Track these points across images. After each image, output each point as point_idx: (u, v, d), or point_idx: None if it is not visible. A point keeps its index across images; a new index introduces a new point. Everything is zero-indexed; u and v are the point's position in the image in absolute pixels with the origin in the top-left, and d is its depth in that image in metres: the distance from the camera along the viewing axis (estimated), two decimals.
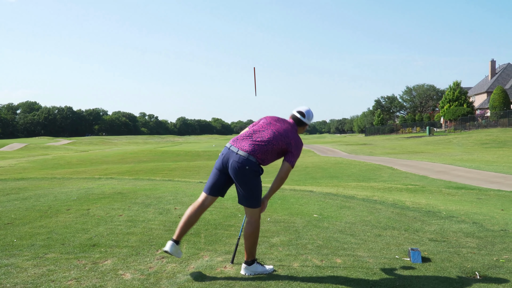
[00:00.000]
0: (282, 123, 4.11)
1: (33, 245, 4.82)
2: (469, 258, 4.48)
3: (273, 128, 4.04)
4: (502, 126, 52.49)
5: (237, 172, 3.87)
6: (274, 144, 3.94)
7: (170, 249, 3.98)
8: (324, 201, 8.13)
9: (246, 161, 3.85)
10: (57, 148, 66.16)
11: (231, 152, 3.92)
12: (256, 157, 3.89)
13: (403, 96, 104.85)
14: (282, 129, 4.03)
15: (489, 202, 9.85)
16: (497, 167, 18.87)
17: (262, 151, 3.91)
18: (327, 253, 4.59)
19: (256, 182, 3.92)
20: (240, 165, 3.84)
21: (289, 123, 4.14)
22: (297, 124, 4.18)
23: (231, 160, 3.89)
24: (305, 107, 4.20)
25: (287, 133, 4.01)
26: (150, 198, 8.17)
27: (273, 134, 3.97)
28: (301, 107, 4.20)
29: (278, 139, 3.96)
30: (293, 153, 4.00)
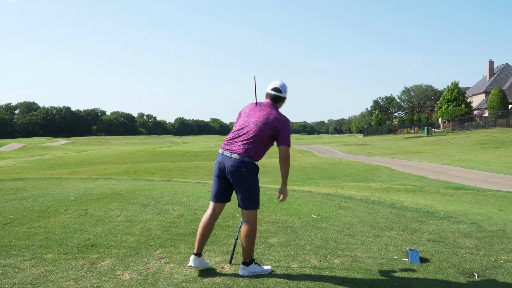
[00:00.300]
0: (260, 109, 4.04)
1: (31, 246, 4.81)
2: (467, 258, 4.48)
3: (254, 119, 3.98)
4: (500, 126, 52.57)
5: (234, 176, 3.88)
6: (261, 135, 3.91)
7: (194, 264, 3.97)
8: (322, 201, 8.13)
9: (241, 163, 3.86)
10: (55, 148, 66.04)
11: (226, 157, 3.94)
12: (250, 156, 3.89)
13: (401, 96, 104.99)
14: (262, 116, 3.96)
15: (487, 202, 9.86)
16: (495, 167, 18.89)
17: (253, 148, 3.91)
18: (325, 254, 4.59)
19: (254, 182, 3.94)
20: (236, 168, 3.86)
21: (268, 105, 4.07)
22: (275, 102, 4.10)
23: (227, 165, 3.91)
24: (278, 81, 4.14)
25: (268, 118, 3.94)
26: (148, 198, 8.16)
27: (256, 126, 3.93)
28: (273, 83, 4.13)
29: (263, 129, 3.91)
30: (283, 133, 3.93)
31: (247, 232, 3.96)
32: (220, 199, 4.10)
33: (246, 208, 3.96)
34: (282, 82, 4.14)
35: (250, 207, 3.95)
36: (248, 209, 3.96)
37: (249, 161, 3.88)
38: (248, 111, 4.09)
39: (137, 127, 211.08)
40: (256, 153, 3.92)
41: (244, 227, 3.99)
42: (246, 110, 4.12)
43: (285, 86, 4.15)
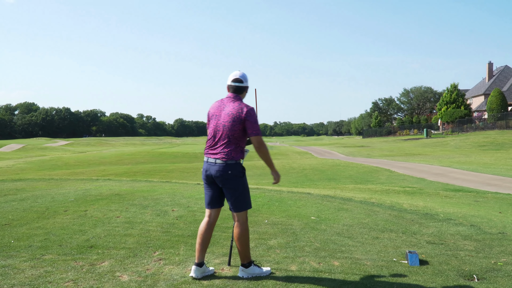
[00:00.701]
0: (223, 108, 3.99)
1: (31, 246, 4.81)
2: (467, 261, 4.48)
3: (221, 121, 3.94)
4: (499, 128, 52.57)
5: (222, 180, 3.89)
6: (234, 134, 3.89)
7: (195, 274, 3.90)
8: (321, 203, 8.12)
9: (227, 167, 3.87)
10: (55, 149, 66.00)
11: (210, 164, 3.95)
12: (233, 157, 3.89)
13: (401, 98, 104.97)
14: (226, 115, 3.92)
15: (487, 204, 9.86)
16: (495, 169, 18.89)
17: (233, 149, 3.90)
18: (325, 256, 4.58)
19: (243, 183, 3.95)
20: (223, 172, 3.87)
21: (229, 100, 4.01)
22: (238, 92, 4.06)
23: (213, 172, 3.91)
24: (237, 72, 4.08)
25: (233, 114, 3.89)
26: (147, 199, 8.15)
27: (226, 127, 3.90)
28: (233, 74, 4.07)
29: (233, 127, 3.88)
30: (250, 124, 3.87)
31: (239, 234, 3.94)
32: (214, 205, 4.09)
33: (237, 210, 3.95)
34: (241, 72, 4.09)
35: (241, 209, 3.95)
36: (239, 210, 3.95)
37: (234, 163, 3.89)
38: (214, 112, 4.04)
39: (136, 128, 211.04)
40: (237, 153, 3.92)
41: (236, 229, 3.97)
42: (212, 112, 4.07)
43: (245, 75, 4.10)
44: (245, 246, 3.97)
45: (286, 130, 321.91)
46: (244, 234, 3.95)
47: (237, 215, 3.97)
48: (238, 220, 3.97)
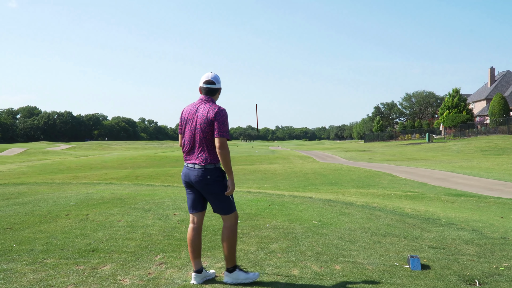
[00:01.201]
0: (195, 112, 3.91)
1: (32, 250, 4.82)
2: (469, 265, 4.47)
3: (194, 125, 3.87)
4: (501, 133, 52.50)
5: (201, 185, 3.85)
6: (207, 137, 3.81)
7: (197, 281, 3.87)
8: (323, 207, 8.12)
9: (205, 172, 3.81)
10: (57, 153, 66.10)
11: (189, 170, 3.91)
12: (211, 162, 3.83)
13: (403, 102, 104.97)
14: (198, 119, 3.85)
15: (489, 209, 9.84)
16: (497, 174, 18.86)
17: (210, 153, 3.83)
18: (326, 260, 4.58)
19: (222, 187, 3.86)
20: (202, 177, 3.82)
21: (201, 102, 3.93)
22: (211, 94, 3.97)
23: (192, 177, 3.87)
24: (209, 73, 3.99)
25: (203, 117, 3.82)
26: (149, 203, 8.16)
27: (200, 131, 3.83)
28: (205, 76, 3.98)
29: (205, 131, 3.80)
30: (217, 125, 3.76)
31: (225, 236, 3.90)
32: (197, 208, 4.06)
33: (224, 213, 3.92)
34: (214, 73, 4.01)
35: (228, 211, 3.91)
36: (226, 213, 3.91)
37: (212, 168, 3.83)
38: (187, 117, 3.97)
39: (138, 132, 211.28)
40: (215, 157, 3.85)
41: (223, 232, 3.93)
42: (185, 116, 3.99)
43: (218, 76, 4.02)
44: (231, 249, 3.90)
45: (288, 134, 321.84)
46: (232, 237, 3.90)
47: (225, 218, 3.93)
48: (226, 223, 3.93)
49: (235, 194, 9.03)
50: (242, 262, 4.46)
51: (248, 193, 10.41)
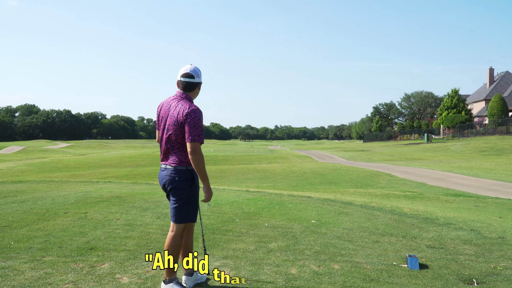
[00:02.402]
0: (168, 109, 3.65)
1: (31, 248, 4.81)
2: (467, 265, 4.48)
3: (168, 122, 3.63)
4: (500, 133, 52.56)
5: (170, 186, 3.61)
6: (179, 138, 3.58)
7: (188, 284, 3.80)
8: (322, 207, 8.12)
9: (174, 173, 3.58)
10: (55, 151, 66.03)
11: (162, 170, 3.69)
12: (183, 163, 3.59)
13: (402, 103, 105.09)
14: (171, 118, 3.60)
15: (487, 209, 9.84)
16: (495, 174, 18.87)
17: (182, 154, 3.60)
18: (325, 259, 4.58)
19: (188, 193, 3.60)
20: (171, 178, 3.58)
21: (176, 99, 3.66)
22: (189, 90, 3.68)
23: (164, 178, 3.66)
24: (188, 66, 3.68)
25: (175, 117, 3.56)
26: (148, 202, 8.16)
27: (172, 131, 3.59)
28: (183, 69, 3.69)
29: (177, 131, 3.56)
30: (188, 127, 3.49)
31: (169, 246, 3.64)
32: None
33: (174, 221, 3.63)
34: (194, 66, 3.69)
35: (178, 220, 3.62)
36: (176, 222, 3.63)
37: (183, 169, 3.58)
38: (163, 114, 3.71)
39: (137, 131, 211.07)
40: (186, 156, 3.59)
41: (168, 239, 3.67)
42: (161, 113, 3.73)
43: (197, 70, 3.70)
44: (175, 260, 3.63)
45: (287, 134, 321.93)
46: (174, 249, 3.63)
47: (175, 225, 3.64)
48: (173, 231, 3.65)
49: (233, 193, 9.03)
50: (240, 261, 4.47)
51: (247, 192, 10.41)
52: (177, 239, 3.66)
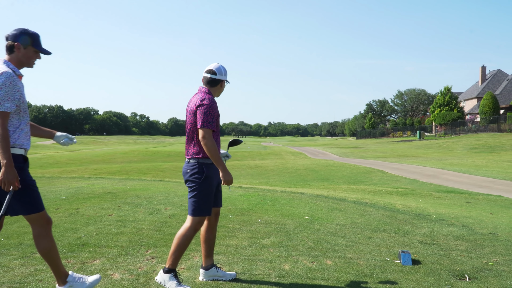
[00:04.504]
0: (190, 103, 3.77)
1: (21, 244, 4.77)
2: (459, 261, 4.49)
3: (187, 115, 3.74)
4: (491, 131, 52.92)
5: (184, 178, 3.70)
6: (193, 130, 3.66)
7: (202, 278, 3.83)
8: (315, 203, 8.12)
9: (188, 166, 3.66)
10: (47, 147, 65.54)
11: (184, 163, 3.76)
12: (196, 156, 3.63)
13: (395, 100, 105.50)
14: (189, 110, 3.71)
15: (478, 206, 9.91)
16: (486, 171, 19.01)
17: (195, 146, 3.65)
18: (318, 255, 4.58)
19: (198, 187, 3.62)
20: (184, 170, 3.68)
21: (196, 94, 3.77)
22: (212, 85, 3.77)
23: (183, 170, 3.74)
24: (214, 63, 3.79)
25: (191, 108, 3.67)
26: (140, 198, 8.11)
27: (188, 124, 3.71)
28: (209, 65, 3.80)
29: (192, 124, 3.66)
30: (199, 115, 3.56)
31: (180, 236, 3.63)
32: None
33: (189, 214, 3.67)
34: (219, 64, 3.81)
35: (192, 213, 3.64)
36: (190, 214, 3.66)
37: (194, 163, 3.62)
38: (186, 109, 3.79)
39: (129, 127, 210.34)
40: (202, 150, 3.63)
41: (180, 230, 3.67)
42: (186, 110, 3.81)
43: (221, 68, 3.79)
44: (180, 251, 3.63)
45: (280, 130, 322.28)
46: (184, 241, 3.62)
47: (188, 218, 3.68)
48: (186, 223, 3.66)
49: (226, 189, 9.00)
50: (233, 257, 4.45)
51: (239, 188, 10.39)
52: (187, 231, 3.63)
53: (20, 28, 3.24)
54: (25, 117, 3.30)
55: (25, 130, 3.30)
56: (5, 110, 3.04)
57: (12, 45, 3.21)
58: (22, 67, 3.30)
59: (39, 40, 3.31)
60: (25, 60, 3.27)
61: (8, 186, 3.02)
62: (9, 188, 3.03)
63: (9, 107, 3.06)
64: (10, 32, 3.23)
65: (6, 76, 3.06)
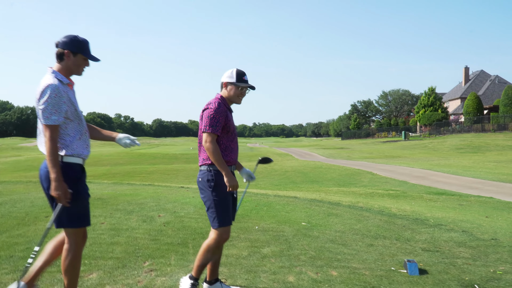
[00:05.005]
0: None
1: (12, 257, 4.56)
2: (466, 269, 4.40)
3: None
4: (475, 131, 53.56)
5: (198, 188, 3.60)
6: (201, 135, 3.53)
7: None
8: (310, 208, 8.00)
9: (199, 174, 3.57)
10: (30, 149, 64.53)
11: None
12: (203, 161, 3.53)
13: (379, 100, 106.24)
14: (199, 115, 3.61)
15: (472, 208, 9.90)
16: (474, 172, 19.13)
17: (204, 152, 3.55)
18: (322, 265, 4.45)
19: (209, 195, 3.48)
20: (197, 179, 3.59)
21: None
22: (221, 90, 3.67)
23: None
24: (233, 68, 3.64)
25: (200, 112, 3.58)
26: (132, 204, 7.90)
27: (199, 128, 3.57)
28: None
29: (200, 127, 3.54)
30: (203, 119, 3.49)
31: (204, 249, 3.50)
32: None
33: (212, 226, 3.51)
34: (235, 68, 3.63)
35: (213, 225, 3.48)
36: (212, 227, 3.50)
37: (204, 170, 3.51)
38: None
39: (114, 128, 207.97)
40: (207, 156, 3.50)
41: (205, 241, 3.54)
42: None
43: (232, 71, 3.60)
44: (203, 263, 3.52)
45: (265, 131, 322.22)
46: (206, 254, 3.48)
47: (212, 230, 3.52)
48: (210, 235, 3.50)
49: None
50: (235, 268, 4.30)
51: None
52: (210, 243, 3.48)
53: (70, 35, 3.20)
54: (80, 125, 3.24)
55: (82, 138, 3.26)
56: (53, 123, 3.02)
57: (62, 53, 3.16)
58: (71, 74, 3.25)
59: (88, 47, 3.25)
60: (74, 68, 3.22)
61: (59, 200, 3.03)
62: (62, 202, 3.04)
63: (56, 120, 3.03)
64: (60, 39, 3.18)
65: (51, 89, 3.02)
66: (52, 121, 3.01)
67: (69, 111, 3.12)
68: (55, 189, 3.00)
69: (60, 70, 3.18)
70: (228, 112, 3.62)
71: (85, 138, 3.31)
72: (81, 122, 3.25)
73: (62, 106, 3.05)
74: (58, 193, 3.00)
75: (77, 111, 3.21)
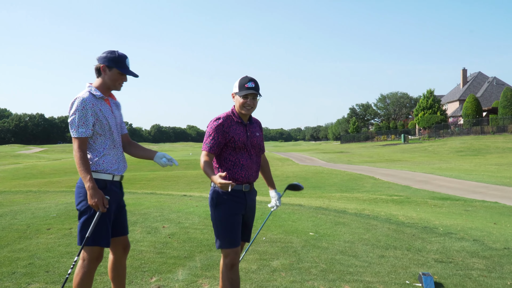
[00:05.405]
0: None
1: (14, 273, 4.42)
2: (482, 282, 4.28)
3: None
4: (475, 133, 53.50)
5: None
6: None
7: None
8: (316, 216, 7.88)
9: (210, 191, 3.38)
10: (29, 156, 64.34)
11: None
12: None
13: (377, 104, 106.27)
14: None
15: (478, 214, 9.78)
16: (477, 176, 19.02)
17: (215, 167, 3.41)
18: (334, 279, 4.33)
19: (212, 213, 3.32)
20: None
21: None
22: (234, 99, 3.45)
23: None
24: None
25: None
26: (135, 214, 7.76)
27: None
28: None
29: None
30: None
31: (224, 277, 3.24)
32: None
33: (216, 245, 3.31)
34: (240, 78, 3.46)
35: (217, 245, 3.27)
36: (216, 247, 3.29)
37: (211, 187, 3.33)
38: None
39: None
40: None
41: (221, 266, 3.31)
42: None
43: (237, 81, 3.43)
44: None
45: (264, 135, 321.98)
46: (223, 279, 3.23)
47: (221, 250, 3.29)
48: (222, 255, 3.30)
49: None
50: (245, 284, 4.18)
51: None
52: (223, 267, 3.25)
53: (108, 50, 3.21)
54: (108, 141, 3.20)
55: (111, 154, 3.22)
56: (80, 136, 3.05)
57: (98, 68, 3.18)
58: (109, 89, 3.26)
59: (124, 62, 3.22)
60: (110, 83, 3.22)
61: (96, 208, 3.04)
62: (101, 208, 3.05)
63: (83, 132, 3.06)
64: (100, 54, 3.20)
65: (79, 102, 3.07)
66: (80, 133, 3.05)
67: (97, 125, 3.12)
68: (91, 197, 3.01)
69: (97, 85, 3.20)
70: (237, 126, 3.40)
71: (116, 153, 3.27)
72: (111, 137, 3.22)
73: (89, 119, 3.06)
74: (95, 201, 3.02)
75: (109, 126, 3.19)
